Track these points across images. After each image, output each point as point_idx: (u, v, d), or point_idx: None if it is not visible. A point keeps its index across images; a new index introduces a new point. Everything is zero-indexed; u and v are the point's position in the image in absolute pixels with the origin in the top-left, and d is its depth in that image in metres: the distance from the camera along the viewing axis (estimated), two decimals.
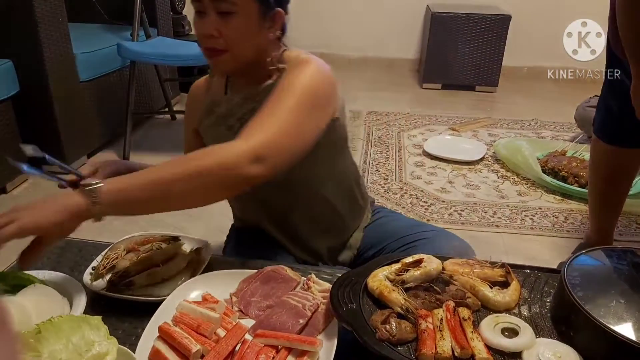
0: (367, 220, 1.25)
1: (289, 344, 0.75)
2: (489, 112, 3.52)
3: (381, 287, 0.80)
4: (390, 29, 4.41)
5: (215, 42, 0.97)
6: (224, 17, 0.95)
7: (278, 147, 0.88)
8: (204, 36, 0.97)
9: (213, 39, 0.97)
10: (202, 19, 0.97)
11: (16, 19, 2.22)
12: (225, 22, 0.95)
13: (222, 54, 0.98)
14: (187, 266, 0.96)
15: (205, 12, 0.96)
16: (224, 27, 0.95)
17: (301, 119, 0.93)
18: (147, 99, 3.16)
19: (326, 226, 1.18)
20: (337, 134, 1.09)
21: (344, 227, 1.20)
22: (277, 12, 1.00)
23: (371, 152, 2.83)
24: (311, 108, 0.95)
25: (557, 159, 2.50)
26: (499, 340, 0.71)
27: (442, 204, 2.29)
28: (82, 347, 0.67)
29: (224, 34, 0.96)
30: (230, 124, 1.09)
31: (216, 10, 0.95)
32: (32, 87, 2.32)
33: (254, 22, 0.97)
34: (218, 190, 0.88)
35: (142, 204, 0.83)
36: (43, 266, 0.97)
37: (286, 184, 1.09)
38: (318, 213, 1.15)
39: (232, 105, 1.09)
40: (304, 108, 0.94)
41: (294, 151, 0.92)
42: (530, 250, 1.98)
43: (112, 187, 0.79)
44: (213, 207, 1.28)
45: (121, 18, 3.08)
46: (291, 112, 0.91)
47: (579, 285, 0.74)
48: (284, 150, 0.90)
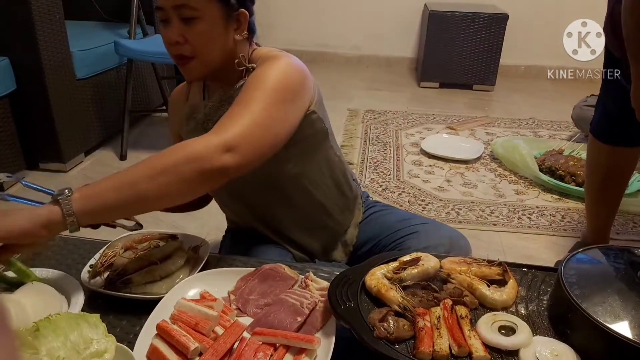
0: (360, 215, 1.25)
1: (287, 342, 0.75)
2: (486, 111, 3.53)
3: (379, 285, 0.80)
4: (388, 27, 4.41)
5: (182, 49, 0.98)
6: (187, 23, 0.96)
7: (248, 137, 0.88)
8: (170, 44, 0.98)
9: (179, 45, 0.97)
10: (166, 27, 0.98)
11: (13, 16, 2.21)
12: (189, 28, 0.96)
13: (190, 61, 0.99)
14: (185, 264, 0.96)
15: (169, 20, 0.96)
16: (189, 33, 0.96)
17: (271, 111, 0.92)
18: (145, 97, 3.15)
19: (316, 223, 1.18)
20: (314, 128, 1.08)
21: (334, 222, 1.20)
22: (241, 13, 1.01)
23: (369, 150, 2.83)
24: (281, 101, 0.95)
25: (555, 157, 2.51)
26: (496, 339, 0.72)
27: (440, 202, 2.30)
28: (81, 345, 0.67)
29: (190, 40, 0.97)
30: (208, 128, 1.09)
31: (179, 17, 0.95)
32: (29, 85, 2.32)
33: (218, 25, 0.98)
34: (193, 184, 0.85)
35: (118, 208, 0.82)
36: (41, 264, 0.96)
37: (268, 182, 1.09)
38: (305, 210, 1.15)
39: (209, 109, 1.10)
40: (273, 101, 0.93)
41: (265, 142, 0.91)
42: (528, 248, 1.99)
43: (83, 194, 0.78)
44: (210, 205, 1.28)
45: (118, 16, 3.07)
46: (260, 104, 0.91)
47: (576, 284, 0.75)
48: (254, 141, 0.89)
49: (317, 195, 1.14)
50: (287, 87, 0.97)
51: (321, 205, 1.16)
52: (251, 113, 0.89)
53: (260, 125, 0.90)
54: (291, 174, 1.09)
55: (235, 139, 0.85)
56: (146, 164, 0.83)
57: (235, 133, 0.86)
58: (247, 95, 0.93)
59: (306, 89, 1.02)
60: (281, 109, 0.95)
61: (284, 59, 1.00)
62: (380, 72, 4.42)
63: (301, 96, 1.00)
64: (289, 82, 0.97)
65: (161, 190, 0.82)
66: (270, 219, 1.17)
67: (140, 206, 0.85)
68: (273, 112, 0.92)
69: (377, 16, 4.37)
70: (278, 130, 0.94)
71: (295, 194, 1.13)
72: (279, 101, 0.94)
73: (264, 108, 0.91)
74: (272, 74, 0.96)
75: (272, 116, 0.92)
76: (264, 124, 0.90)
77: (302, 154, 1.09)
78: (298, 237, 1.18)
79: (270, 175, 1.07)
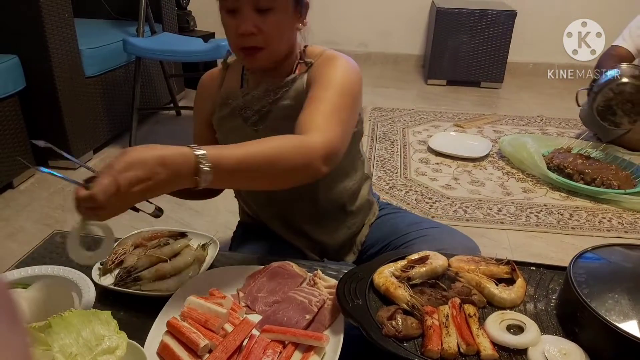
0: (374, 216, 1.25)
1: (296, 340, 0.75)
2: (494, 109, 3.51)
3: (387, 283, 0.81)
4: (395, 24, 4.40)
5: (255, 40, 0.95)
6: (262, 14, 0.94)
7: (340, 148, 0.91)
8: (243, 35, 0.95)
9: (252, 36, 0.95)
10: (235, 17, 0.95)
11: (22, 15, 2.22)
12: (263, 19, 0.94)
13: (260, 51, 0.97)
14: (194, 261, 0.96)
15: (238, 10, 0.94)
16: (263, 24, 0.94)
17: (347, 119, 0.96)
18: (153, 95, 3.17)
19: (332, 219, 1.18)
20: (356, 128, 1.09)
21: (351, 223, 1.20)
22: (305, 3, 1.01)
23: (376, 148, 2.83)
24: (351, 107, 0.98)
25: (563, 155, 2.50)
26: (505, 337, 0.72)
27: (447, 200, 2.30)
28: (92, 342, 0.68)
29: (264, 31, 0.95)
30: (246, 116, 1.09)
31: (254, 7, 0.93)
32: (38, 83, 2.33)
33: (289, 16, 0.98)
34: (293, 181, 0.89)
35: (236, 177, 0.82)
36: (52, 261, 0.97)
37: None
38: (325, 205, 1.15)
39: (251, 97, 1.08)
40: (347, 108, 0.96)
41: (343, 152, 0.94)
42: (535, 247, 1.98)
43: (216, 153, 0.77)
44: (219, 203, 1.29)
45: (126, 14, 3.08)
46: (340, 112, 0.93)
47: (585, 283, 0.75)
48: (341, 151, 0.92)
49: (342, 193, 1.15)
50: (355, 92, 1.00)
51: (342, 203, 1.16)
52: (340, 121, 0.92)
53: (343, 139, 0.93)
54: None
55: (333, 150, 0.88)
56: (272, 150, 0.83)
57: (333, 141, 0.89)
58: (326, 98, 0.94)
59: (361, 90, 1.04)
60: (352, 116, 0.99)
61: (345, 60, 1.02)
62: (387, 69, 4.41)
63: (361, 98, 1.04)
64: (355, 87, 1.00)
65: (273, 178, 0.86)
66: (290, 211, 1.16)
67: (252, 184, 0.91)
68: (349, 120, 0.97)
69: (385, 13, 4.36)
70: (349, 137, 0.98)
71: (322, 190, 1.12)
72: (350, 108, 0.97)
73: (343, 118, 0.93)
74: (342, 77, 0.98)
75: (349, 125, 0.97)
76: (344, 138, 0.94)
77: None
78: (313, 233, 1.18)
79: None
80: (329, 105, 0.92)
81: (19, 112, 2.30)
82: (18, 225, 2.07)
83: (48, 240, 1.08)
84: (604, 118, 2.37)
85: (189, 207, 2.09)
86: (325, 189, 1.13)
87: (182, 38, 3.01)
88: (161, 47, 2.66)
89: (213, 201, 1.29)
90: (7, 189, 2.32)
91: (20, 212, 2.16)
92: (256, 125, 1.08)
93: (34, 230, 2.03)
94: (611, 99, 2.32)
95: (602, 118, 2.37)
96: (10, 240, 1.98)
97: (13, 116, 2.27)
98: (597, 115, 2.37)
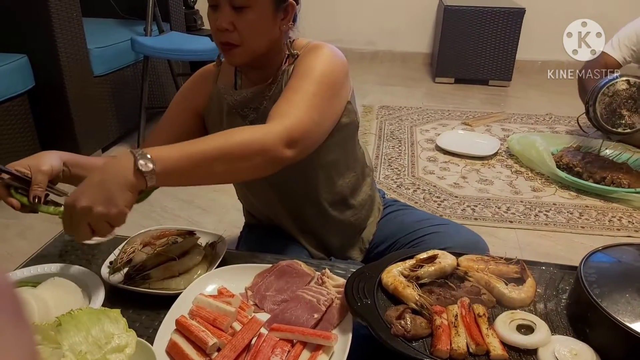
0: (379, 213, 1.25)
1: (304, 338, 0.75)
2: (502, 107, 3.49)
3: (396, 282, 0.80)
4: (403, 22, 4.38)
5: (230, 37, 0.97)
6: (238, 11, 0.95)
7: (307, 131, 0.91)
8: (219, 30, 0.97)
9: (227, 33, 0.97)
10: (215, 13, 0.97)
11: (31, 14, 2.24)
12: (239, 16, 0.95)
13: (235, 48, 0.99)
14: (202, 260, 0.97)
15: (219, 6, 0.96)
16: (238, 22, 0.96)
17: (323, 105, 0.96)
18: (160, 94, 3.18)
19: (337, 216, 1.18)
20: (348, 118, 1.09)
21: (354, 217, 1.20)
22: (290, 4, 1.00)
23: (383, 146, 2.82)
24: (331, 94, 0.98)
25: (572, 154, 2.48)
26: (515, 337, 0.71)
27: (455, 199, 2.29)
28: (102, 340, 0.69)
29: (238, 28, 0.96)
30: (244, 114, 1.09)
31: (230, 4, 0.95)
32: (47, 82, 2.35)
33: (268, 16, 0.98)
34: (259, 171, 0.90)
35: (187, 177, 0.84)
36: (62, 260, 0.98)
37: (302, 172, 1.09)
38: (328, 202, 1.15)
39: (245, 94, 1.09)
40: (324, 94, 0.96)
41: (317, 137, 0.96)
42: (545, 246, 1.97)
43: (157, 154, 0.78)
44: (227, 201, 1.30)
45: (134, 13, 3.10)
46: (313, 98, 0.94)
47: (596, 282, 0.74)
48: (310, 135, 0.93)
49: (342, 186, 1.15)
50: (335, 80, 1.00)
51: (344, 197, 1.16)
52: (307, 106, 0.92)
53: (314, 121, 0.93)
54: (323, 163, 1.10)
55: (296, 133, 0.88)
56: (219, 144, 0.83)
57: (296, 125, 0.89)
58: (299, 86, 0.95)
59: (347, 79, 1.05)
60: (330, 102, 0.99)
61: (328, 49, 1.03)
62: (394, 67, 4.40)
63: (344, 87, 1.04)
64: (335, 75, 1.00)
65: (232, 173, 0.88)
66: (296, 210, 1.16)
67: (207, 181, 0.91)
68: (324, 106, 0.96)
69: (392, 11, 4.35)
70: (328, 125, 0.99)
71: (323, 184, 1.13)
72: (329, 95, 0.98)
73: (316, 102, 0.94)
74: (321, 66, 0.98)
75: (323, 110, 0.96)
76: (317, 119, 0.94)
77: (337, 143, 1.09)
78: (319, 231, 1.18)
79: (305, 164, 1.06)
80: (300, 93, 0.94)
81: (28, 111, 2.32)
82: (28, 223, 2.08)
83: (57, 239, 1.09)
84: (615, 124, 2.31)
85: (197, 205, 2.09)
86: (325, 183, 1.13)
87: (190, 37, 3.02)
88: (169, 46, 2.67)
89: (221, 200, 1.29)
90: None
91: None
92: (254, 123, 1.08)
93: (43, 228, 2.04)
94: (610, 102, 2.29)
95: (612, 126, 2.32)
96: (20, 238, 2.00)
97: (22, 115, 2.29)
98: (607, 125, 2.31)
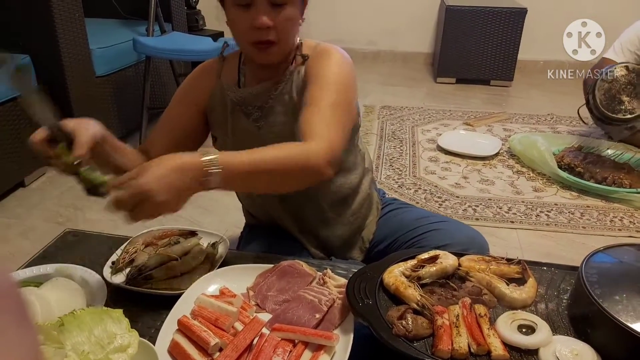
0: (379, 212, 1.25)
1: (306, 339, 0.76)
2: (504, 107, 3.49)
3: (397, 283, 0.81)
4: (404, 22, 4.38)
5: (269, 34, 0.96)
6: (276, 8, 0.95)
7: (340, 149, 0.94)
8: (258, 28, 0.95)
9: (267, 30, 0.96)
10: (249, 11, 0.95)
11: (34, 15, 2.24)
12: (278, 13, 0.95)
13: (272, 46, 0.98)
14: (204, 260, 0.97)
15: (252, 4, 0.94)
16: (278, 18, 0.96)
17: (344, 117, 0.98)
18: (162, 94, 3.18)
19: (337, 216, 1.18)
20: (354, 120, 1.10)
21: (354, 217, 1.20)
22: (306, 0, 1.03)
23: (385, 147, 2.83)
24: (348, 102, 1.01)
25: (574, 154, 2.47)
26: (516, 337, 0.71)
27: (457, 199, 2.29)
28: (104, 340, 0.69)
29: (277, 25, 0.96)
30: (248, 112, 1.09)
31: (270, 1, 0.94)
32: (49, 82, 2.35)
33: (299, 11, 1.00)
34: (302, 185, 0.96)
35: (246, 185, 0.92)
36: (64, 260, 0.98)
37: None
38: (329, 201, 1.16)
39: (250, 92, 1.08)
40: (343, 104, 0.98)
41: (342, 150, 0.97)
42: (546, 246, 1.97)
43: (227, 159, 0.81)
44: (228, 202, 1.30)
45: (136, 13, 3.10)
46: (337, 109, 0.96)
47: (597, 283, 0.74)
48: (341, 152, 0.95)
49: (342, 187, 1.15)
50: (349, 86, 1.03)
51: (344, 197, 1.16)
52: (336, 123, 0.95)
53: (344, 138, 0.98)
54: None
55: (335, 152, 0.91)
56: (276, 158, 0.87)
57: (334, 144, 0.92)
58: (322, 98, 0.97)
59: (356, 82, 1.07)
60: (349, 110, 1.02)
61: (339, 54, 1.05)
62: (396, 67, 4.39)
63: (356, 92, 1.06)
64: (348, 80, 1.03)
65: (279, 185, 0.94)
66: (295, 210, 1.17)
67: (258, 189, 1.02)
68: (346, 118, 1.00)
69: (393, 11, 4.34)
70: (347, 134, 1.02)
71: (323, 184, 1.12)
72: (346, 104, 1.00)
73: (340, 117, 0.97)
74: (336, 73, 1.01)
75: (346, 122, 1.00)
76: (344, 136, 0.98)
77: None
78: (319, 231, 1.18)
79: None
80: (327, 107, 0.95)
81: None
82: (30, 224, 2.09)
83: (59, 239, 1.09)
84: (614, 110, 2.30)
85: (198, 205, 2.10)
86: (327, 184, 1.13)
87: (192, 37, 3.02)
88: (171, 47, 2.67)
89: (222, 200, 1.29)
90: (19, 188, 2.34)
91: (31, 211, 2.18)
92: (258, 122, 1.09)
93: (46, 228, 2.05)
94: (609, 88, 2.28)
95: (612, 111, 2.30)
96: (23, 238, 2.00)
97: (24, 115, 2.29)
98: (607, 112, 2.31)
